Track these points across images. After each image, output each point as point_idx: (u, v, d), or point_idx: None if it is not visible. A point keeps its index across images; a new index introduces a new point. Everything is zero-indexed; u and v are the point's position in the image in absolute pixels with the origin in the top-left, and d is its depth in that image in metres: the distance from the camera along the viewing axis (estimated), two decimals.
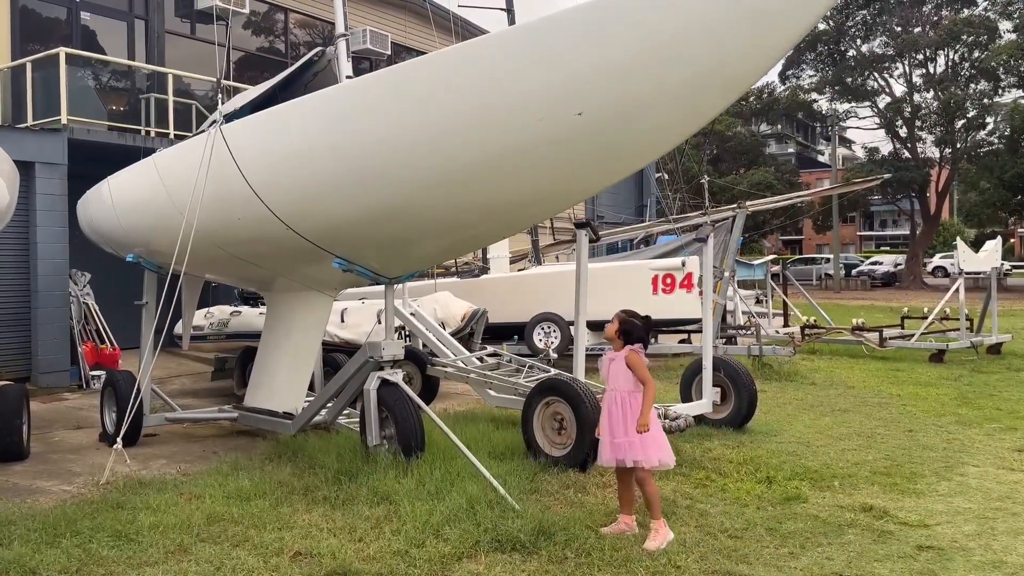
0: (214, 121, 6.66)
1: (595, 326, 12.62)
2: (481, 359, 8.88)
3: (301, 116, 5.90)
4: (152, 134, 13.49)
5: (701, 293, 9.12)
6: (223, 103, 7.15)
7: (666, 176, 32.01)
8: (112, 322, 12.10)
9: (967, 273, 13.96)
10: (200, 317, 11.26)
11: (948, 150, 40.18)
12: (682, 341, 13.95)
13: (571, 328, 9.83)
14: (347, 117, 5.54)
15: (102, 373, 10.61)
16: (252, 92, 7.95)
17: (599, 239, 7.85)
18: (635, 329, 4.99)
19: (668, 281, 12.55)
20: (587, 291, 7.06)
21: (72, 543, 4.75)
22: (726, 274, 12.75)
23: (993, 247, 14.25)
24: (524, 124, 4.78)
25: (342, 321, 10.40)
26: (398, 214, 5.58)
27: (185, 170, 6.60)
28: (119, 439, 6.38)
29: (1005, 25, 38.00)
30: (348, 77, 7.09)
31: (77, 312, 11.78)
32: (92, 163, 10.08)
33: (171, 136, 13.34)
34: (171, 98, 13.70)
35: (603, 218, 31.95)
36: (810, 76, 44.50)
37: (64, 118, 12.12)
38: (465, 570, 4.37)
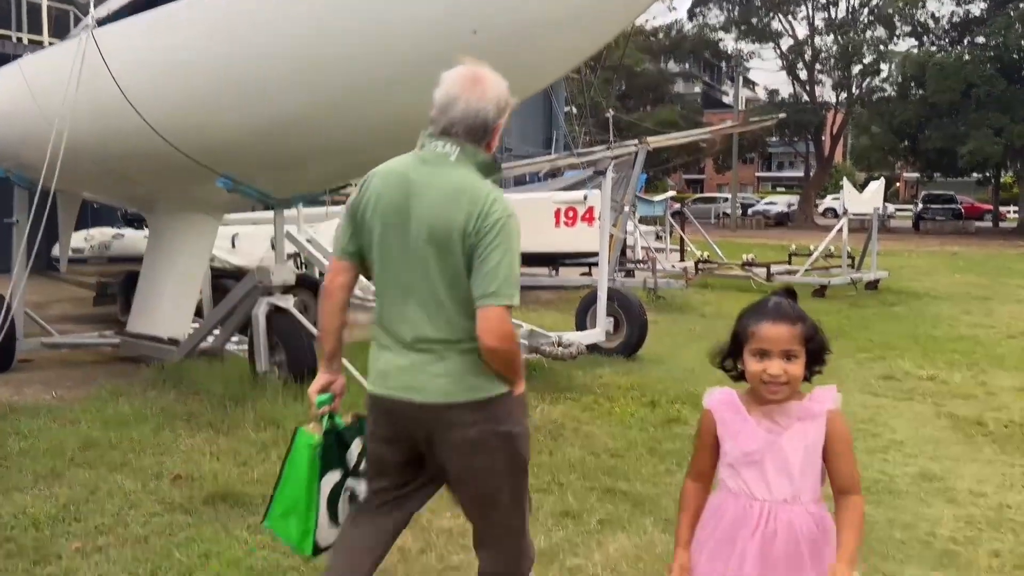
0: (86, 25, 6.18)
1: None
2: None
3: (183, 22, 5.52)
4: (24, 41, 12.49)
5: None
6: (96, 6, 6.63)
7: (574, 110, 31.98)
8: None
9: (854, 214, 14.64)
10: (80, 239, 10.66)
11: (844, 94, 41.67)
12: (583, 274, 14.17)
13: None
14: (232, 26, 5.23)
15: None
16: None
17: (500, 170, 7.81)
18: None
19: (570, 215, 12.70)
20: None
21: None
22: (626, 208, 12.93)
23: (876, 188, 14.96)
24: (418, 42, 4.64)
25: (233, 247, 10.05)
26: (285, 132, 5.35)
27: (55, 78, 6.12)
28: None
29: None
30: None
31: None
32: None
33: (46, 43, 12.38)
34: (45, 2, 12.67)
35: (511, 151, 31.79)
36: (717, 15, 45.08)
37: None
38: None
